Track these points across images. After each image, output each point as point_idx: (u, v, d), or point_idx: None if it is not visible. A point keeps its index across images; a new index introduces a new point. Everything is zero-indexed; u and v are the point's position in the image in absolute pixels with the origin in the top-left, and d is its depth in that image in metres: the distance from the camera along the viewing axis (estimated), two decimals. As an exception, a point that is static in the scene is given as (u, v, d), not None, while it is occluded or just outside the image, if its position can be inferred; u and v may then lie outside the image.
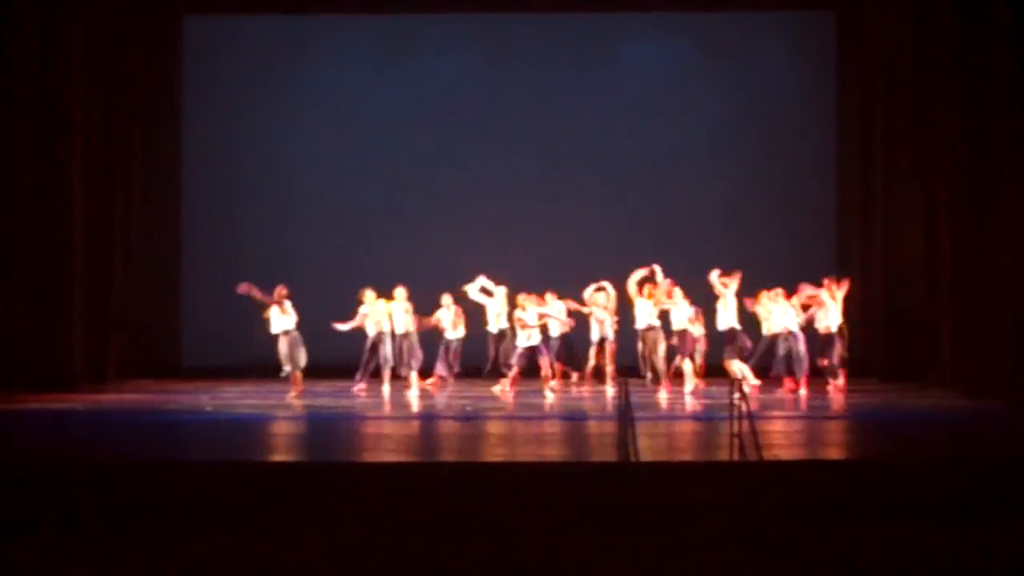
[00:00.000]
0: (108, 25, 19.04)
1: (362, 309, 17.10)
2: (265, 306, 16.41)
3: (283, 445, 12.80)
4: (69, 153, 17.89)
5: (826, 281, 17.12)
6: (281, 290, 16.46)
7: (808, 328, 17.02)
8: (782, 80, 21.13)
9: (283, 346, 16.33)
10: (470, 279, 17.80)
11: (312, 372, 17.50)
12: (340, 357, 17.65)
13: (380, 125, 21.29)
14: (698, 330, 17.39)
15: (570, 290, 17.86)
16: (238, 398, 16.54)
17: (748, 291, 17.11)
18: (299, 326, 16.42)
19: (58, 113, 17.73)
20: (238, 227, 21.17)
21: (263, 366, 17.63)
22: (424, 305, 17.54)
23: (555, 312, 17.28)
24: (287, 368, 16.38)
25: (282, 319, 16.36)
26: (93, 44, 18.54)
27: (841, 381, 16.92)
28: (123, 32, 19.49)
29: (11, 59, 17.11)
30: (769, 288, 17.07)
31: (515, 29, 21.35)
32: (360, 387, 16.96)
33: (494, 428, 13.67)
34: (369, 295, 17.14)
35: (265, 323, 16.46)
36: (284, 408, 15.42)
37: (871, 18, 19.86)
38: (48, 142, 17.63)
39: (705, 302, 17.27)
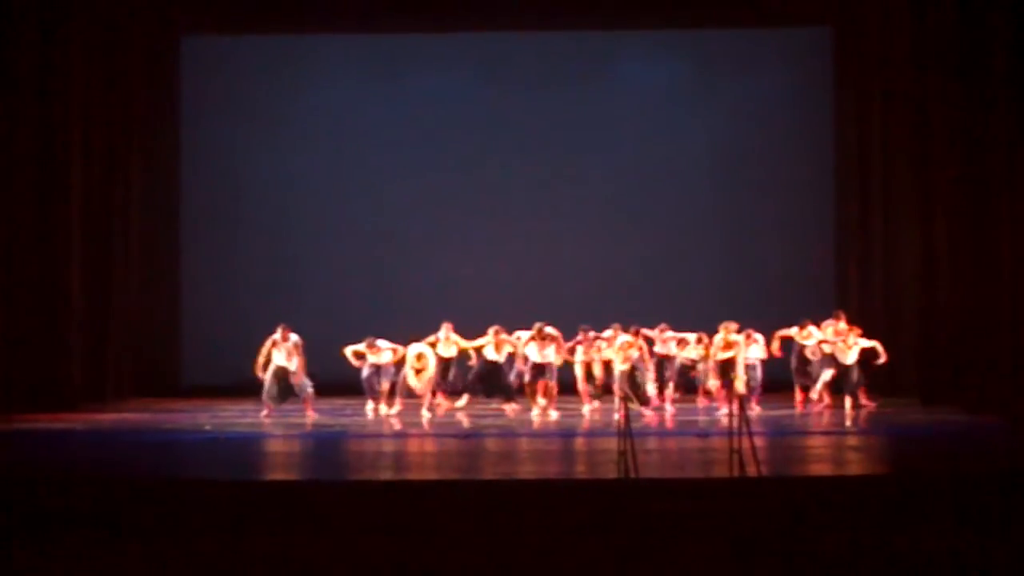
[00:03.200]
0: (107, 46, 19.06)
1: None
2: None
3: (282, 464, 12.79)
4: (68, 171, 17.89)
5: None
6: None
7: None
8: (780, 96, 21.12)
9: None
10: (463, 295, 17.79)
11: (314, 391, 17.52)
12: (337, 376, 17.61)
13: (377, 143, 21.29)
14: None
15: (564, 309, 17.77)
16: (237, 417, 16.51)
17: (745, 312, 17.11)
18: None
19: (57, 131, 17.74)
20: (237, 245, 21.15)
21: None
22: (422, 322, 17.42)
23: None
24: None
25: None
26: (92, 65, 18.56)
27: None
28: (122, 52, 19.51)
29: (9, 80, 17.11)
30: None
31: (513, 47, 21.36)
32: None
33: (493, 446, 13.66)
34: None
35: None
36: (283, 427, 15.40)
37: (869, 34, 19.88)
38: (47, 160, 17.64)
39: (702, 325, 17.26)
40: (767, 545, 8.57)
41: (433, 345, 16.55)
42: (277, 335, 16.24)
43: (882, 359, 16.58)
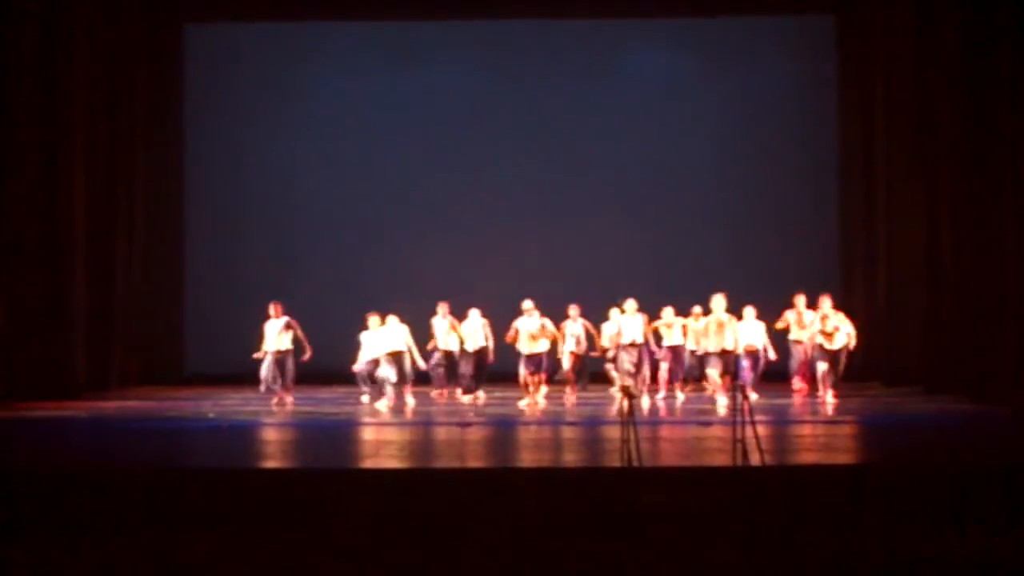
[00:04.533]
0: (109, 34, 19.04)
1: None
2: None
3: (285, 452, 12.79)
4: (71, 161, 17.89)
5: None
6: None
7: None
8: (784, 84, 21.10)
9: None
10: (471, 286, 17.77)
11: (314, 379, 17.50)
12: (337, 366, 17.61)
13: (382, 131, 21.28)
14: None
15: (567, 298, 17.69)
16: (240, 405, 16.52)
17: (749, 301, 17.04)
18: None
19: (60, 122, 17.74)
20: (241, 234, 21.17)
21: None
22: (425, 313, 17.42)
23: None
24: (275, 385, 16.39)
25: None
26: (95, 54, 18.54)
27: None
28: (125, 41, 19.50)
29: (13, 70, 17.09)
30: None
31: (519, 36, 21.34)
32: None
33: (496, 434, 13.65)
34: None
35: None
36: (286, 415, 15.41)
37: (872, 21, 19.84)
38: (50, 150, 17.63)
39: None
40: (770, 533, 8.57)
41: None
42: (280, 318, 16.30)
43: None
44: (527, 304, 16.65)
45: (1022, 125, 15.28)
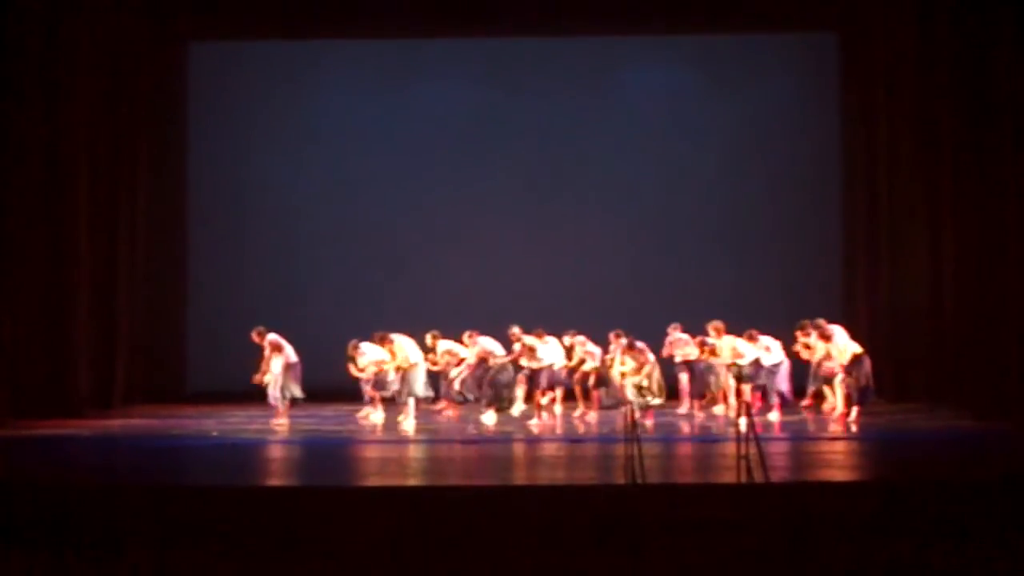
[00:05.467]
0: (114, 52, 19.04)
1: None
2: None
3: (289, 470, 12.77)
4: (75, 177, 17.88)
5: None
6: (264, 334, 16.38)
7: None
8: (786, 103, 21.08)
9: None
10: (469, 299, 17.71)
11: (317, 397, 17.47)
12: (341, 382, 17.57)
13: (382, 148, 21.28)
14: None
15: (571, 314, 17.66)
16: (244, 423, 16.50)
17: (753, 318, 16.98)
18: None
19: (64, 139, 17.73)
20: (244, 251, 21.16)
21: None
22: (429, 325, 17.37)
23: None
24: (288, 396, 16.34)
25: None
26: (99, 72, 18.54)
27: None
28: (129, 59, 19.49)
29: (16, 87, 17.10)
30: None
31: (520, 54, 21.35)
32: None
33: (500, 451, 13.63)
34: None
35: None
36: (290, 433, 15.39)
37: (874, 39, 19.83)
38: (53, 167, 17.62)
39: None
40: (774, 551, 8.54)
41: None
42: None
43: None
44: (514, 331, 16.52)
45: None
